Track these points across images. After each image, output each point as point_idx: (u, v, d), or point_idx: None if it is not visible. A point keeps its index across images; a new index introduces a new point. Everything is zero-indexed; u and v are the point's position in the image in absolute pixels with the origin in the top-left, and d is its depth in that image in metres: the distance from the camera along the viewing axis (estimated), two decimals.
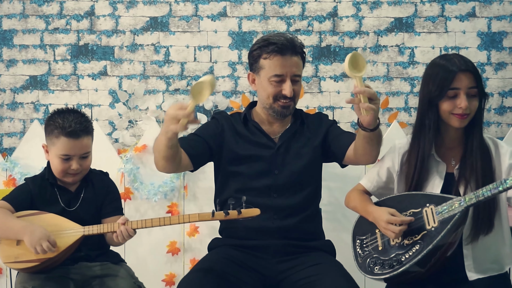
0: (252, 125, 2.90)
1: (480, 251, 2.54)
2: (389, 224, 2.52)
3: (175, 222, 2.64)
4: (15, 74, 3.97)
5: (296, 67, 2.80)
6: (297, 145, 2.87)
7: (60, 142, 2.74)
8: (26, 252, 2.67)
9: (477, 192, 2.40)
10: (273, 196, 2.81)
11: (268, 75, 2.80)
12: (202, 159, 2.87)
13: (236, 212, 2.56)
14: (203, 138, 2.86)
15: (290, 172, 2.83)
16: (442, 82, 2.53)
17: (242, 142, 2.87)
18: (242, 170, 2.84)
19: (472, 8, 3.95)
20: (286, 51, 2.78)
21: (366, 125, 2.52)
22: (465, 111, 2.52)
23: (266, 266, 2.74)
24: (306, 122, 2.93)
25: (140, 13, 3.97)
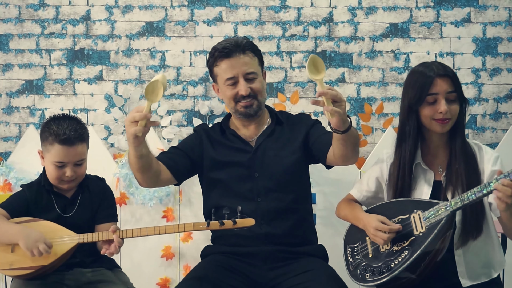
0: (229, 132, 2.92)
1: (471, 256, 2.55)
2: (377, 231, 2.54)
3: (170, 231, 2.64)
4: (10, 79, 3.98)
5: (247, 65, 2.79)
6: (276, 146, 2.87)
7: (55, 149, 2.74)
8: (21, 259, 2.68)
9: (462, 196, 2.43)
10: (257, 200, 2.81)
11: (223, 80, 2.82)
12: (184, 171, 2.89)
13: (231, 222, 2.57)
14: (183, 150, 2.89)
15: (270, 174, 2.82)
16: (420, 87, 2.55)
17: (219, 149, 2.88)
18: (223, 176, 2.85)
19: (467, 14, 3.96)
20: (232, 53, 2.78)
21: (335, 127, 2.49)
22: (445, 116, 2.54)
23: (257, 273, 2.74)
24: (286, 122, 2.92)
25: (136, 18, 3.98)
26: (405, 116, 2.63)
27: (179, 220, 3.64)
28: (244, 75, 2.80)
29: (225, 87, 2.83)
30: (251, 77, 2.81)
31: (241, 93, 2.80)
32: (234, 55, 2.79)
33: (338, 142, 2.58)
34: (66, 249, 2.68)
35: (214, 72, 2.86)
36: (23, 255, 2.66)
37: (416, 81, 2.58)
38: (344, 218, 2.80)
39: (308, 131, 2.88)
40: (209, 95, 3.93)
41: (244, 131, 2.91)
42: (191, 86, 3.97)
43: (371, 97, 3.95)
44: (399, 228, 2.52)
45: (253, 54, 2.83)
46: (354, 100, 3.95)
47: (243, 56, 2.80)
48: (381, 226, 2.53)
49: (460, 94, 2.59)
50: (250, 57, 2.82)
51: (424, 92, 2.55)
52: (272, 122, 2.93)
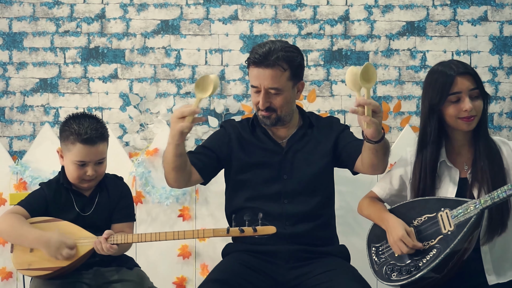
0: (259, 130, 2.89)
1: (497, 253, 2.54)
2: (400, 241, 2.51)
3: (189, 236, 2.63)
4: (25, 77, 3.96)
5: (271, 80, 2.73)
6: (306, 149, 2.86)
7: (76, 149, 2.72)
8: (40, 259, 2.67)
9: (492, 194, 2.41)
10: (284, 202, 2.79)
11: (250, 84, 2.82)
12: (211, 170, 2.88)
13: (251, 230, 2.55)
14: (211, 149, 2.87)
15: (299, 177, 2.81)
16: (441, 87, 2.54)
17: (249, 149, 2.86)
18: (251, 177, 2.83)
19: (484, 12, 3.94)
20: (260, 64, 2.74)
21: (369, 137, 2.50)
22: (470, 113, 2.53)
23: (279, 272, 2.73)
24: (316, 125, 2.91)
25: (151, 16, 3.96)
26: (427, 116, 2.61)
27: (195, 219, 3.62)
28: (267, 89, 2.76)
29: (252, 91, 2.83)
30: (274, 92, 2.76)
31: (259, 105, 2.79)
32: (261, 66, 2.73)
33: (369, 152, 2.58)
34: (84, 251, 2.67)
35: (249, 72, 2.84)
36: (42, 256, 2.66)
37: (437, 81, 2.56)
38: (367, 217, 2.78)
39: (338, 136, 2.87)
40: (225, 93, 3.91)
41: (275, 131, 2.89)
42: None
43: (387, 96, 3.93)
44: (420, 247, 2.49)
45: (284, 68, 2.74)
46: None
47: (270, 70, 2.73)
48: (407, 239, 2.50)
49: (482, 90, 2.58)
50: (280, 70, 2.74)
51: (445, 91, 2.53)
52: (303, 124, 2.91)
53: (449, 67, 2.57)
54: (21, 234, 2.65)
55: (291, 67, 2.77)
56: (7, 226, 2.67)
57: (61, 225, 2.70)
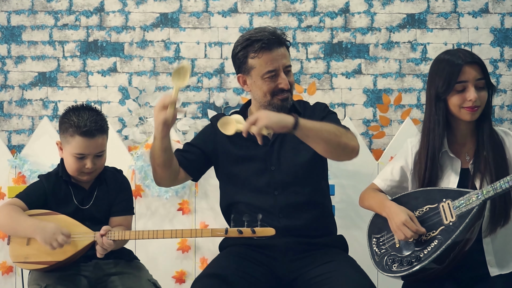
0: None
1: (499, 245, 2.52)
2: (404, 226, 2.49)
3: (187, 235, 2.62)
4: (23, 71, 3.94)
5: (285, 58, 2.76)
6: (293, 139, 2.81)
7: (75, 141, 2.70)
8: (36, 252, 2.64)
9: (495, 184, 2.39)
10: (274, 194, 2.77)
11: (261, 73, 2.74)
12: (199, 167, 2.87)
13: (250, 231, 2.53)
14: (197, 146, 2.86)
15: (287, 168, 2.78)
16: (449, 76, 2.52)
17: (235, 141, 2.83)
18: (239, 171, 2.81)
19: (485, 4, 3.92)
20: (273, 45, 2.72)
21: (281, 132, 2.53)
22: (475, 103, 2.51)
23: (278, 264, 2.71)
24: (303, 113, 2.87)
25: (150, 9, 3.94)
26: (432, 105, 2.58)
27: (195, 213, 3.61)
28: (284, 68, 2.75)
29: (261, 80, 2.75)
30: (288, 69, 2.78)
31: (282, 86, 2.74)
32: (274, 47, 2.72)
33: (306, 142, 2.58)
34: (82, 245, 2.65)
35: (249, 63, 2.76)
36: (38, 249, 2.63)
37: (444, 70, 2.54)
38: (368, 207, 2.76)
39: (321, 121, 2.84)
40: (224, 87, 3.89)
41: None
42: (206, 78, 3.93)
43: (387, 89, 3.91)
44: (423, 232, 2.48)
45: (286, 47, 2.79)
46: (370, 91, 3.91)
47: (283, 48, 2.75)
48: (410, 223, 2.48)
49: (488, 81, 2.56)
50: (286, 49, 2.78)
51: (452, 80, 2.51)
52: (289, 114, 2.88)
53: (456, 56, 2.55)
54: (17, 223, 2.63)
55: (288, 47, 2.82)
56: (4, 216, 2.65)
57: (59, 219, 2.67)
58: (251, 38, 2.76)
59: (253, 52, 2.73)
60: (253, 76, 2.78)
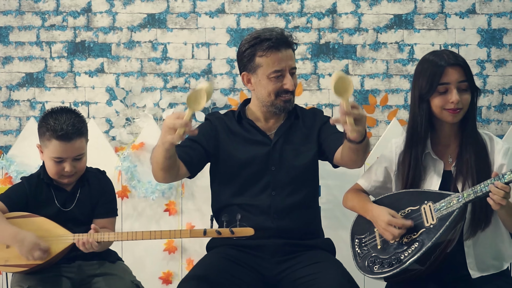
0: (246, 122, 2.87)
1: (480, 248, 2.52)
2: (389, 226, 2.50)
3: (166, 236, 2.61)
4: (11, 71, 3.94)
5: (292, 60, 2.78)
6: (294, 141, 2.84)
7: (52, 145, 2.69)
8: (16, 255, 2.63)
9: (475, 187, 2.39)
10: (272, 194, 2.78)
11: (267, 72, 2.75)
12: (199, 164, 2.85)
13: (228, 231, 2.53)
14: (198, 142, 2.83)
15: (287, 169, 2.80)
16: (431, 77, 2.52)
17: (237, 141, 2.83)
18: (239, 170, 2.80)
19: (472, 4, 3.92)
20: (281, 46, 2.74)
21: (352, 139, 2.46)
22: (457, 106, 2.51)
23: (265, 265, 2.71)
24: (301, 117, 2.90)
25: (137, 10, 3.94)
26: (416, 106, 2.59)
27: (181, 213, 3.61)
28: (290, 69, 2.77)
29: (267, 79, 2.76)
30: (294, 71, 2.80)
31: (287, 87, 2.75)
32: (282, 47, 2.75)
33: (349, 150, 2.56)
34: (60, 248, 2.64)
35: (256, 61, 2.76)
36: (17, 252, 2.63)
37: (427, 70, 2.54)
38: (351, 208, 2.76)
39: (320, 127, 2.86)
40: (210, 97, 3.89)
41: (263, 123, 2.87)
42: (193, 78, 3.93)
43: (375, 89, 3.92)
44: (410, 224, 2.48)
45: (293, 50, 2.82)
46: (358, 92, 3.92)
47: (290, 50, 2.78)
48: (393, 220, 2.49)
49: (472, 83, 2.56)
50: (293, 52, 2.81)
51: (435, 81, 2.51)
52: (290, 116, 2.89)
53: (440, 57, 2.55)
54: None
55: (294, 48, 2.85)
56: None
57: (38, 221, 2.67)
58: (260, 36, 2.76)
59: (261, 51, 2.75)
60: (259, 74, 2.79)
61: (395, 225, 2.49)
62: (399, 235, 2.49)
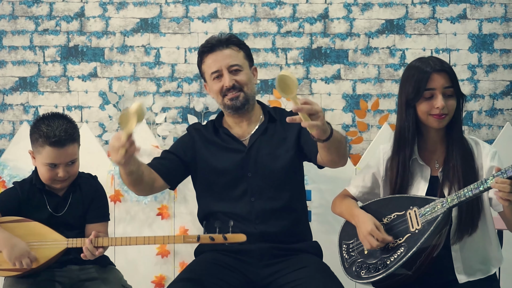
0: (222, 131, 2.90)
1: (468, 252, 2.54)
2: (370, 235, 2.52)
3: (160, 242, 2.63)
4: (4, 76, 3.96)
5: (230, 58, 2.82)
6: (270, 145, 2.84)
7: (45, 151, 2.71)
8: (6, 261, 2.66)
9: (459, 192, 2.42)
10: (251, 200, 2.79)
11: (208, 75, 2.85)
12: (177, 175, 2.88)
13: (221, 237, 2.56)
14: (175, 153, 2.88)
15: (263, 173, 2.80)
16: (417, 83, 2.54)
17: (213, 150, 2.87)
18: (217, 179, 2.83)
19: (463, 10, 3.94)
20: (214, 48, 2.84)
21: (316, 138, 2.46)
22: (442, 111, 2.53)
23: (252, 270, 2.73)
24: (279, 119, 2.90)
25: (130, 15, 3.96)
26: (403, 111, 2.61)
27: (174, 217, 3.63)
28: (228, 67, 2.82)
29: (211, 82, 2.86)
30: (235, 69, 2.83)
31: (225, 84, 2.81)
32: (216, 49, 2.83)
33: (322, 150, 2.58)
34: (53, 253, 2.67)
35: (202, 69, 2.90)
36: None
37: (413, 76, 2.57)
38: (339, 214, 2.79)
39: (300, 129, 2.85)
40: (204, 92, 3.91)
41: (237, 130, 2.89)
42: (186, 83, 3.95)
43: (366, 94, 3.94)
44: (390, 240, 2.50)
45: (238, 48, 2.86)
46: (349, 96, 3.94)
47: (225, 50, 2.83)
48: (375, 232, 2.51)
49: (457, 90, 2.58)
50: (235, 50, 2.85)
51: (421, 87, 2.54)
52: (265, 120, 2.90)
53: (426, 63, 2.58)
54: None
55: (243, 48, 2.89)
56: None
57: (31, 226, 2.69)
58: (201, 46, 2.89)
59: (201, 59, 2.88)
60: (207, 81, 2.90)
61: (376, 237, 2.51)
62: (376, 247, 2.52)
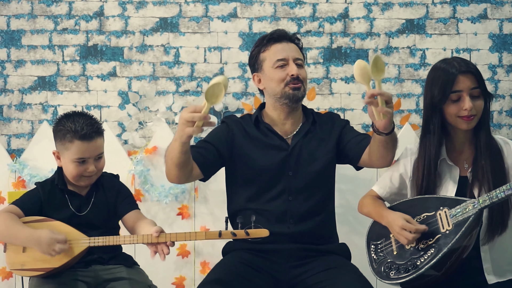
0: (264, 126, 2.87)
1: (497, 253, 2.53)
2: (403, 230, 2.51)
3: (181, 239, 2.61)
4: (23, 75, 3.95)
5: (296, 52, 2.86)
6: (311, 146, 2.85)
7: (75, 146, 2.71)
8: (32, 260, 2.66)
9: (491, 193, 2.40)
10: (289, 200, 2.78)
11: (271, 63, 2.83)
12: (213, 167, 2.85)
13: (243, 233, 2.54)
14: (213, 144, 2.83)
15: (304, 174, 2.80)
16: (444, 85, 2.53)
17: (254, 145, 2.83)
18: (255, 175, 2.81)
19: (484, 10, 3.93)
20: (282, 38, 2.86)
21: (382, 129, 2.49)
22: (470, 113, 2.51)
23: (280, 270, 2.72)
24: (318, 122, 2.91)
25: (149, 14, 3.95)
26: (429, 113, 2.60)
27: (194, 217, 3.61)
28: (294, 59, 2.83)
29: (273, 70, 2.83)
30: (299, 63, 2.86)
31: (292, 73, 2.80)
32: (284, 40, 2.86)
33: (379, 145, 2.58)
34: (76, 252, 2.67)
35: (261, 57, 2.87)
36: (34, 256, 2.66)
37: (439, 79, 2.55)
38: (367, 214, 2.77)
39: (340, 132, 2.87)
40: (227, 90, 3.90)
41: (280, 127, 2.88)
42: (206, 82, 3.94)
43: None
44: (425, 229, 2.49)
45: (299, 44, 2.92)
46: None
47: (292, 44, 2.88)
48: (407, 225, 2.50)
49: (484, 89, 2.57)
50: (298, 45, 2.90)
51: (447, 90, 2.53)
52: (307, 120, 2.90)
53: (451, 65, 2.56)
54: (13, 232, 2.65)
55: (300, 48, 2.93)
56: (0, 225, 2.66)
57: (53, 225, 2.69)
58: (262, 37, 2.90)
59: (264, 46, 2.87)
60: (265, 69, 2.85)
61: (409, 230, 2.50)
62: (413, 240, 2.50)
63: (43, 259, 2.64)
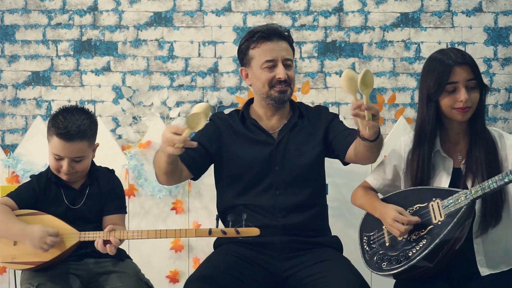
0: (250, 122, 2.87)
1: (490, 245, 2.52)
2: (395, 222, 2.50)
3: (171, 235, 2.60)
4: (17, 70, 3.94)
5: (286, 51, 2.79)
6: (298, 139, 2.83)
7: (53, 141, 2.71)
8: (23, 253, 2.65)
9: (483, 184, 2.39)
10: (276, 194, 2.77)
11: (259, 62, 2.77)
12: (202, 166, 2.84)
13: (234, 231, 2.53)
14: (200, 143, 2.82)
15: (290, 168, 2.79)
16: (439, 77, 2.51)
17: (240, 141, 2.83)
18: (242, 171, 2.80)
19: (479, 3, 3.92)
20: (273, 37, 2.77)
21: (367, 137, 2.47)
22: (466, 104, 2.50)
23: (272, 263, 2.71)
24: (306, 115, 2.89)
25: (143, 8, 3.94)
26: (424, 105, 2.58)
27: (188, 212, 3.60)
28: (283, 60, 2.77)
29: (260, 70, 2.78)
30: (288, 63, 2.80)
31: (279, 76, 2.76)
32: (274, 39, 2.77)
33: (364, 149, 2.57)
34: (68, 246, 2.65)
35: (249, 54, 2.81)
36: (25, 250, 2.65)
37: (435, 70, 2.54)
38: (360, 206, 2.76)
39: (328, 126, 2.85)
40: (218, 86, 3.90)
41: (266, 122, 2.86)
42: (200, 77, 3.93)
43: (381, 88, 3.91)
44: (417, 220, 2.48)
45: (290, 46, 2.83)
46: None
47: (282, 42, 2.79)
48: (399, 217, 2.49)
49: (480, 81, 2.55)
50: (288, 45, 2.81)
51: (443, 81, 2.51)
52: (294, 115, 2.88)
53: (448, 56, 2.54)
54: (5, 226, 2.64)
55: (292, 46, 2.85)
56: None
57: (45, 219, 2.68)
58: (253, 31, 2.81)
59: (253, 43, 2.78)
60: (253, 67, 2.81)
61: (402, 222, 2.49)
62: (406, 231, 2.49)
63: (34, 253, 2.63)
